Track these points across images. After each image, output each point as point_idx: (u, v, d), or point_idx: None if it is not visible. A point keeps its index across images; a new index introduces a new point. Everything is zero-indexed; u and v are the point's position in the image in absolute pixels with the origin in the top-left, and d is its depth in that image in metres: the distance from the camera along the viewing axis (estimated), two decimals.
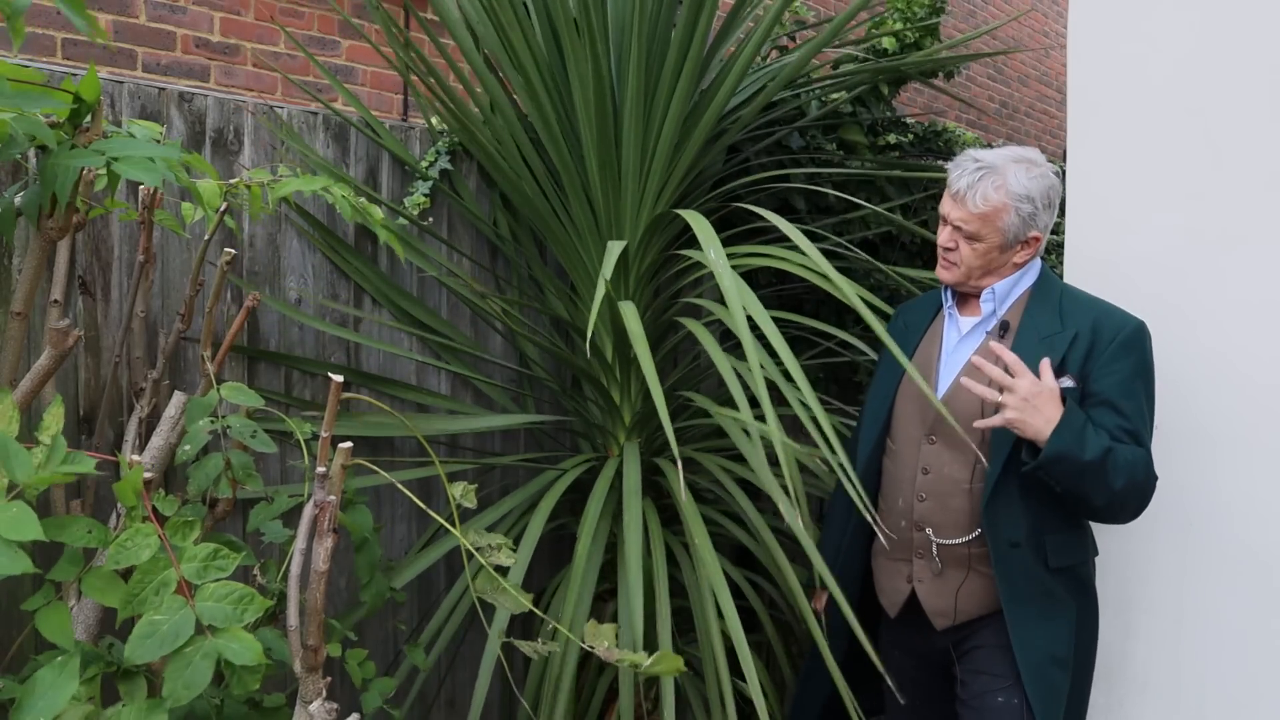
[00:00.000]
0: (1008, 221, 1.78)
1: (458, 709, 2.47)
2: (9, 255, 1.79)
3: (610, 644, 1.50)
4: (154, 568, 1.18)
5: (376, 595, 1.66)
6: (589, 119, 2.13)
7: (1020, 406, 1.65)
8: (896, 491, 1.89)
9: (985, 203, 1.77)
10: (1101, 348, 1.75)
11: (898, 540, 1.88)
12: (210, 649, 1.15)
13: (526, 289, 2.54)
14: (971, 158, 1.81)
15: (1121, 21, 2.07)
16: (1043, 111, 7.62)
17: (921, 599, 1.86)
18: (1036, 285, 1.86)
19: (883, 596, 1.95)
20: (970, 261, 1.83)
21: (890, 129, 3.14)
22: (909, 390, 1.91)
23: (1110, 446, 1.68)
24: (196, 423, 1.53)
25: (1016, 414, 1.65)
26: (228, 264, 1.76)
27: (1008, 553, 1.77)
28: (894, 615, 1.92)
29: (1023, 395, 1.65)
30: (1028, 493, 1.76)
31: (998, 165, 1.79)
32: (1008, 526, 1.77)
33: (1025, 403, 1.65)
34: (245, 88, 3.42)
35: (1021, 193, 1.77)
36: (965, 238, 1.81)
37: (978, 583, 1.82)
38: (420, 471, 2.19)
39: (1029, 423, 1.65)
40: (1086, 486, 1.68)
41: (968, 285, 1.87)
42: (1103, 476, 1.66)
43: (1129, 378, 1.75)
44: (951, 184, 1.82)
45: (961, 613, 1.84)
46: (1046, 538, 1.78)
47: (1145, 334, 1.79)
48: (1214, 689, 2.00)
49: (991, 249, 1.81)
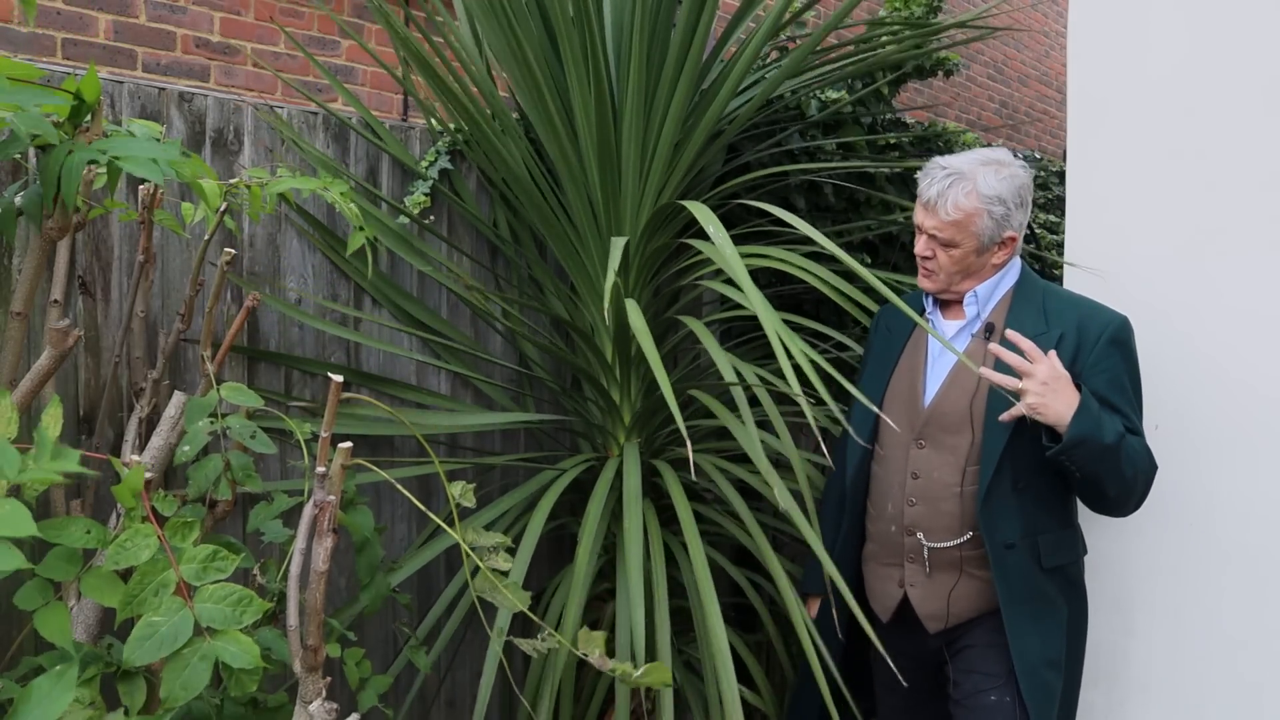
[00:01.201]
0: (981, 225, 1.79)
1: (457, 709, 2.47)
2: (9, 255, 1.79)
3: (601, 652, 1.50)
4: (153, 569, 1.18)
5: (376, 596, 1.66)
6: (588, 119, 2.13)
7: (1041, 391, 1.64)
8: (886, 496, 1.89)
9: (957, 209, 1.78)
10: (1089, 346, 1.76)
11: (889, 545, 1.88)
12: (208, 651, 1.15)
13: (526, 288, 2.54)
14: (939, 165, 1.82)
15: (1121, 22, 2.07)
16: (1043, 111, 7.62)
17: (914, 603, 1.86)
18: (1018, 285, 1.86)
19: (874, 601, 1.95)
20: (948, 268, 1.83)
21: (890, 129, 3.14)
22: (897, 395, 1.90)
23: (1122, 432, 1.69)
24: (196, 423, 1.53)
25: (1038, 399, 1.64)
26: (228, 264, 1.76)
27: (1004, 554, 1.77)
28: (886, 620, 1.91)
29: (1042, 379, 1.64)
30: (1021, 494, 1.77)
31: (965, 171, 1.79)
32: (1002, 528, 1.77)
33: (1046, 387, 1.64)
34: (245, 88, 3.42)
35: (992, 195, 1.77)
36: (941, 245, 1.82)
37: (969, 585, 1.82)
38: (419, 470, 2.19)
39: (1051, 406, 1.65)
40: (1104, 471, 1.68)
41: (949, 292, 1.87)
42: (1119, 461, 1.68)
43: (1119, 374, 1.76)
44: (922, 193, 1.83)
45: (954, 615, 1.84)
46: (1040, 538, 1.79)
47: (1129, 329, 1.80)
48: (1213, 689, 2.00)
49: (968, 254, 1.81)
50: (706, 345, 1.83)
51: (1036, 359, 1.66)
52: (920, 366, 1.90)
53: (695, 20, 2.11)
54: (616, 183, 2.22)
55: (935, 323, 1.91)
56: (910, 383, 1.89)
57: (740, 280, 1.56)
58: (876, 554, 1.93)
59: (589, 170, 2.22)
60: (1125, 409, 1.75)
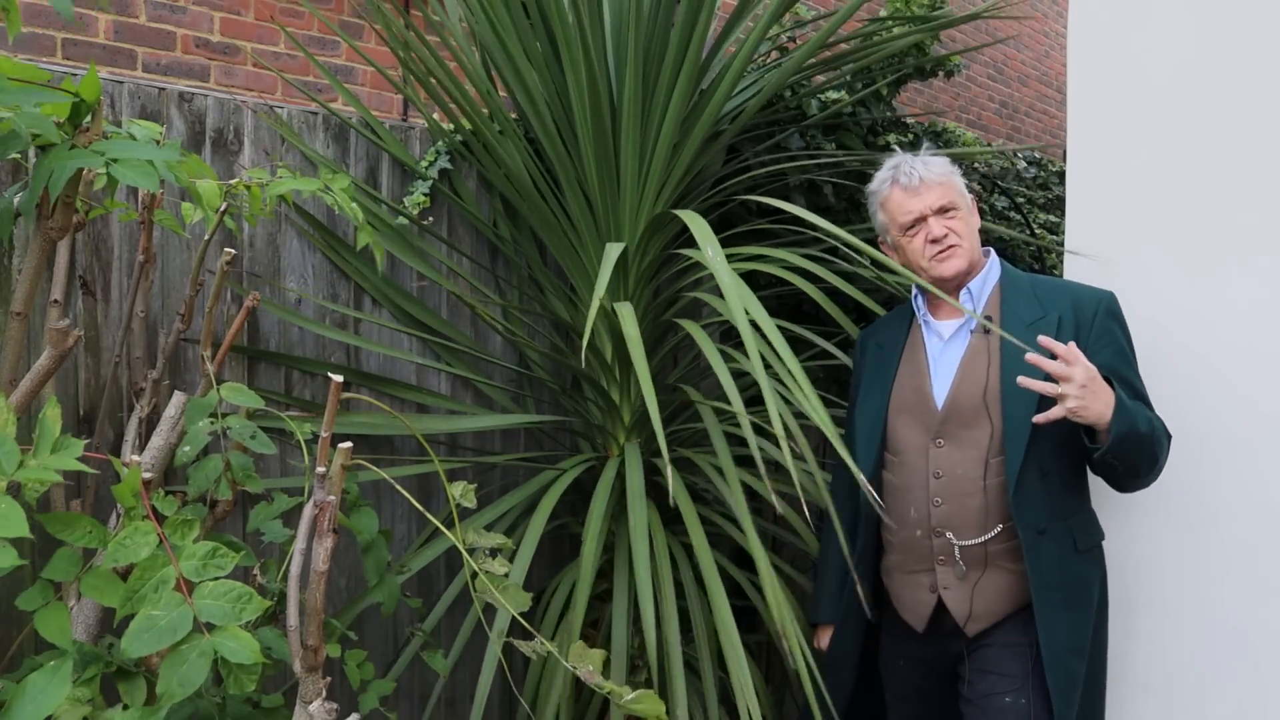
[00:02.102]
0: (961, 184, 1.90)
1: (457, 709, 2.47)
2: (9, 255, 1.79)
3: (597, 668, 1.50)
4: (153, 565, 1.18)
5: (390, 597, 1.66)
6: (586, 119, 2.13)
7: (1080, 394, 1.63)
8: (906, 502, 1.86)
9: (944, 172, 1.89)
10: (1088, 324, 1.80)
11: (914, 551, 1.86)
12: (207, 647, 1.15)
13: (527, 289, 2.54)
14: (908, 161, 1.92)
15: (1121, 22, 2.07)
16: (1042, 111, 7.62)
17: (950, 606, 1.83)
18: (1004, 278, 1.90)
19: (906, 612, 1.91)
20: (968, 235, 1.88)
21: (890, 129, 3.14)
22: (904, 402, 1.89)
23: (1150, 416, 1.74)
24: (196, 424, 1.53)
25: (1078, 402, 1.63)
26: (227, 264, 1.76)
27: (1037, 540, 1.77)
28: (922, 629, 1.88)
29: (1081, 383, 1.63)
30: (1047, 478, 1.78)
31: (921, 155, 1.92)
32: (1034, 515, 1.77)
33: (1085, 389, 1.63)
34: (245, 88, 3.42)
35: (941, 161, 1.91)
36: (949, 217, 1.87)
37: (996, 581, 1.81)
38: (419, 469, 2.19)
39: (1090, 408, 1.64)
40: (1143, 459, 1.71)
41: (963, 274, 1.87)
42: (1153, 446, 1.72)
43: (1122, 346, 1.81)
44: (908, 185, 1.88)
45: (979, 614, 1.82)
46: (1070, 520, 1.81)
47: (1117, 300, 1.86)
48: (1214, 689, 2.00)
49: (971, 214, 1.91)
50: (705, 351, 1.82)
51: (1073, 360, 1.65)
52: (923, 370, 1.89)
53: (694, 20, 2.11)
54: (615, 183, 2.22)
55: (931, 326, 1.91)
56: (916, 387, 1.88)
57: (735, 312, 1.58)
58: (901, 563, 1.89)
59: (587, 171, 2.22)
60: (1133, 378, 1.80)
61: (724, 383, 1.69)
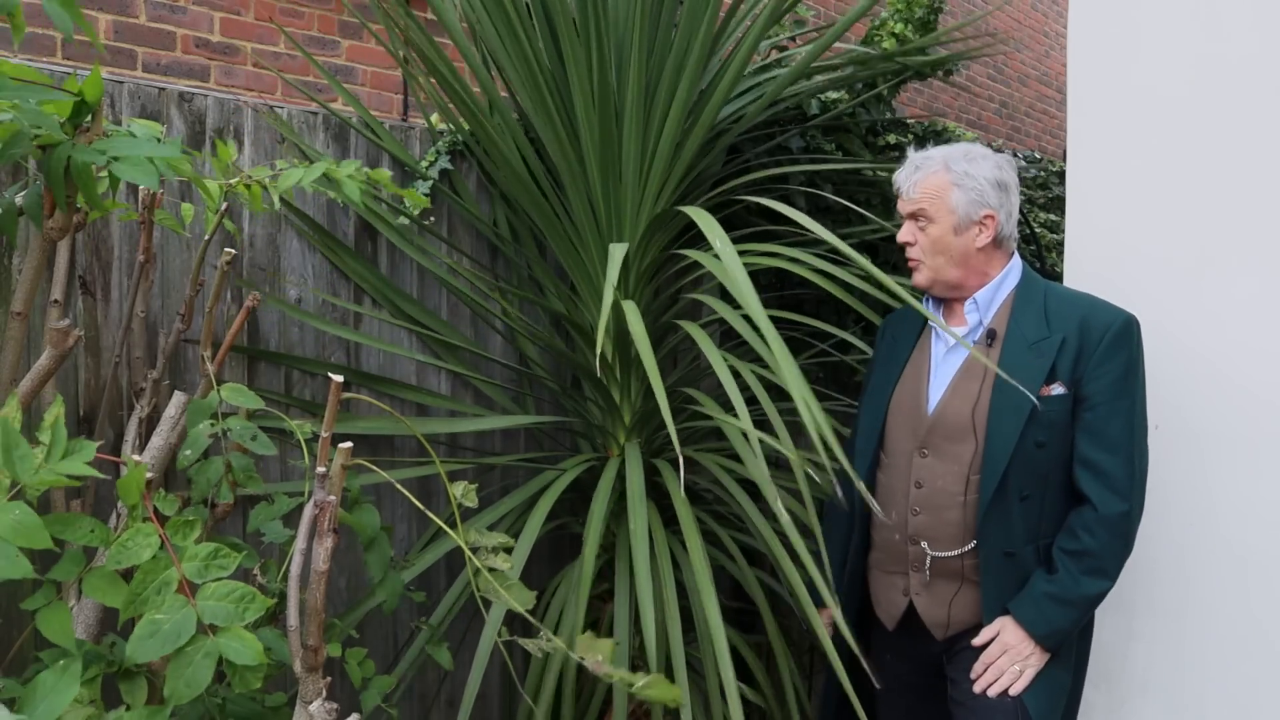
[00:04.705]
0: (955, 200, 1.80)
1: (458, 709, 2.47)
2: (9, 255, 1.79)
3: (605, 659, 1.49)
4: (155, 567, 1.18)
5: (392, 594, 1.65)
6: (589, 118, 2.13)
7: (1020, 672, 1.75)
8: (891, 504, 1.87)
9: (929, 182, 1.82)
10: (1090, 349, 1.74)
11: (893, 553, 1.88)
12: (211, 648, 1.15)
13: (527, 288, 2.54)
14: (911, 159, 1.88)
15: (1121, 22, 2.07)
16: (1042, 111, 7.63)
17: (920, 610, 1.85)
18: (1020, 288, 1.84)
19: (880, 609, 1.94)
20: (929, 250, 1.83)
21: (890, 129, 3.14)
22: (901, 403, 1.89)
23: (1079, 583, 1.74)
24: (197, 426, 1.53)
25: (1021, 679, 1.75)
26: (228, 264, 1.76)
27: (1002, 563, 1.77)
28: (892, 628, 1.91)
29: (1012, 661, 1.75)
30: (1026, 503, 1.76)
31: (935, 156, 1.84)
32: (1004, 538, 1.76)
33: (1018, 667, 1.75)
34: (245, 88, 3.42)
35: (961, 170, 1.81)
36: (918, 225, 1.84)
37: (971, 593, 1.82)
38: (420, 470, 2.19)
39: (1031, 665, 1.76)
40: (1092, 608, 1.78)
41: (940, 285, 1.85)
42: (1095, 598, 1.76)
43: (1120, 378, 1.74)
44: (899, 185, 1.87)
45: (955, 623, 1.84)
46: (1045, 544, 1.79)
47: (1134, 327, 1.77)
48: (1214, 689, 2.00)
49: (945, 232, 1.81)
50: (705, 351, 1.82)
51: (992, 660, 1.77)
52: (924, 374, 1.88)
53: (696, 19, 2.11)
54: (617, 182, 2.22)
55: (937, 332, 1.90)
56: (914, 390, 1.88)
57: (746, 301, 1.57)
58: (882, 561, 1.91)
59: (590, 169, 2.22)
60: (1123, 410, 1.73)
61: (725, 383, 1.69)
